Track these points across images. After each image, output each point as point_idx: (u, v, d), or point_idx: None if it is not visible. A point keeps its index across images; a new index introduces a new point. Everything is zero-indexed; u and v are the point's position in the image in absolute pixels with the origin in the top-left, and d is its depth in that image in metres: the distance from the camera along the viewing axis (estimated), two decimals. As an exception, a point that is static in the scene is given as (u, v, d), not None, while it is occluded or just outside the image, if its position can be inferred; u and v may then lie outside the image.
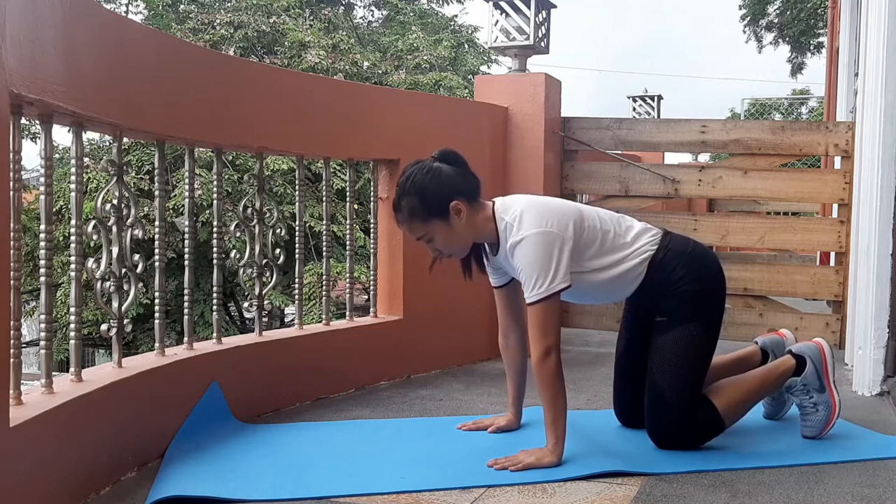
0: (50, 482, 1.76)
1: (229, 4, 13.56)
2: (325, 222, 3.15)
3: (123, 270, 2.18)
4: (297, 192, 3.03)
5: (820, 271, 4.02)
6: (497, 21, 3.99)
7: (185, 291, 2.58)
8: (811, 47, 17.60)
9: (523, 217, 2.13)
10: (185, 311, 2.56)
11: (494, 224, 2.19)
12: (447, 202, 2.15)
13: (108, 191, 2.19)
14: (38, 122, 1.92)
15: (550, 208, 2.17)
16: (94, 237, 2.12)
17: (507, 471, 2.06)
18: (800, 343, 2.43)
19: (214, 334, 2.67)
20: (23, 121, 1.84)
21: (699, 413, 2.24)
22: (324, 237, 3.17)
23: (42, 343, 1.94)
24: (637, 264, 2.21)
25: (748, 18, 17.85)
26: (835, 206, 4.11)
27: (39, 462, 1.72)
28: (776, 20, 17.60)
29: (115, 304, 2.18)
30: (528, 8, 3.91)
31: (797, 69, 17.95)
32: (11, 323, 1.68)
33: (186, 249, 2.58)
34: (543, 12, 4.00)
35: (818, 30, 16.88)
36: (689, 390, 2.23)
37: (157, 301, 2.42)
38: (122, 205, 2.19)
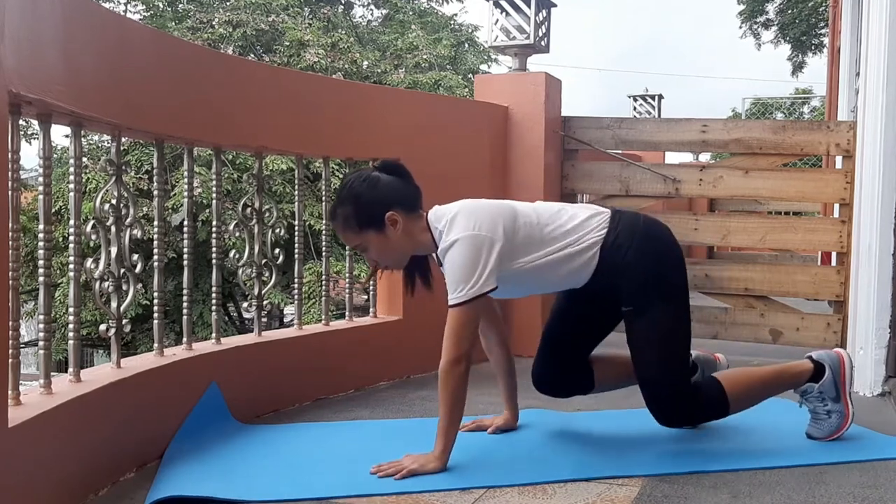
0: (49, 483, 1.75)
1: (228, 3, 13.54)
2: (324, 221, 3.14)
3: (122, 270, 2.18)
4: (296, 192, 3.02)
5: (821, 271, 4.01)
6: (497, 20, 3.98)
7: (184, 291, 2.58)
8: (812, 46, 17.60)
9: (453, 222, 2.09)
10: (184, 311, 2.56)
11: (431, 234, 2.16)
12: (383, 212, 2.11)
13: (106, 191, 2.19)
14: (36, 121, 1.91)
15: (481, 210, 2.12)
16: (93, 237, 2.12)
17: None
18: (821, 350, 2.42)
19: (213, 334, 2.66)
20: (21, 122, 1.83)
21: (704, 390, 2.25)
22: (323, 237, 3.17)
23: (41, 343, 1.94)
24: (584, 250, 2.16)
25: (745, 16, 17.85)
26: (836, 206, 4.10)
27: (38, 462, 1.72)
28: (775, 18, 17.60)
29: (113, 305, 2.17)
30: (529, 7, 3.91)
31: (797, 68, 17.95)
32: (10, 323, 1.67)
33: (185, 249, 2.57)
34: (544, 11, 3.99)
35: (819, 29, 16.88)
36: (677, 367, 2.21)
37: (155, 301, 2.41)
38: (121, 205, 2.18)
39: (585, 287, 2.23)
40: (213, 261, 2.68)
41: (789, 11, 17.14)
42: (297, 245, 2.98)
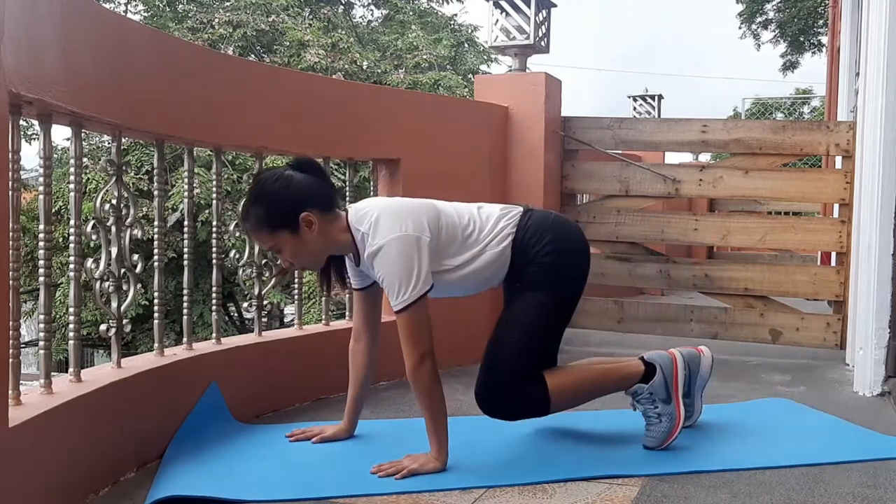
0: (49, 482, 1.76)
1: (228, 3, 13.54)
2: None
3: (122, 270, 2.18)
4: (296, 192, 3.02)
5: (821, 271, 4.01)
6: (497, 20, 3.99)
7: (185, 291, 2.58)
8: (810, 46, 17.60)
9: (379, 223, 2.04)
10: (185, 311, 2.56)
11: (350, 235, 2.11)
12: (297, 213, 2.04)
13: (107, 191, 2.19)
14: (36, 122, 1.91)
15: (405, 210, 2.09)
16: (94, 237, 2.12)
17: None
18: (653, 352, 2.35)
19: (214, 334, 2.66)
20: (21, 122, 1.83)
21: (527, 385, 2.18)
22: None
23: (41, 343, 1.94)
24: (502, 250, 2.16)
25: (745, 16, 17.85)
26: (836, 206, 4.10)
27: (38, 462, 1.72)
28: (774, 17, 17.59)
29: (114, 305, 2.17)
30: (529, 7, 3.91)
31: (789, 67, 17.94)
32: (11, 323, 1.68)
33: (186, 249, 2.57)
34: (543, 11, 3.99)
35: (817, 28, 16.88)
36: (523, 356, 2.16)
37: (156, 301, 2.41)
38: (121, 205, 2.18)
39: (508, 290, 2.23)
40: (214, 261, 2.68)
41: (787, 10, 17.14)
42: (297, 245, 2.97)
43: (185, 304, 2.57)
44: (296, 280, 3.00)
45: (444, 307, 3.47)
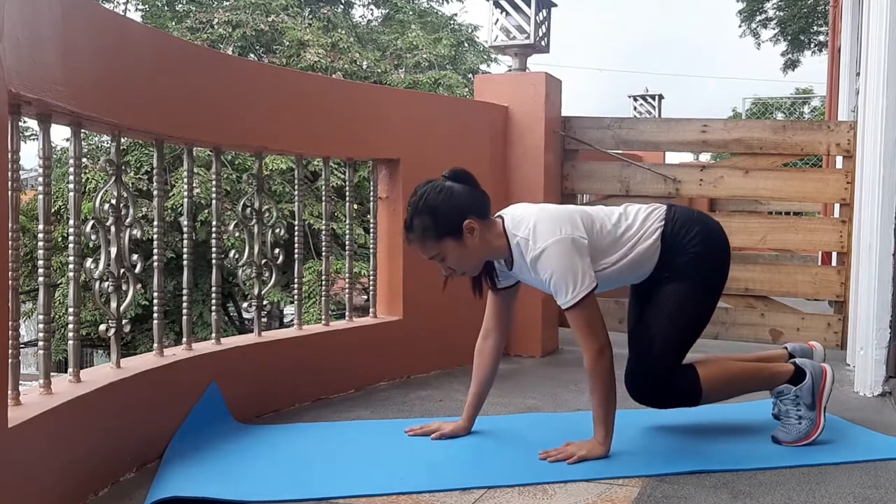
0: (49, 482, 1.75)
1: (227, 3, 13.54)
2: (324, 221, 3.14)
3: (122, 271, 2.17)
4: (296, 192, 3.02)
5: (821, 271, 4.01)
6: (497, 20, 3.98)
7: (184, 291, 2.57)
8: (810, 45, 17.60)
9: (537, 229, 2.15)
10: (184, 311, 2.55)
11: (507, 240, 2.20)
12: (460, 221, 2.15)
13: (106, 191, 2.18)
14: (36, 121, 1.91)
15: (560, 215, 2.19)
16: (93, 237, 2.11)
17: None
18: (808, 359, 2.42)
19: (213, 334, 2.66)
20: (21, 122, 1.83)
21: (680, 374, 2.26)
22: (323, 237, 3.16)
23: (40, 343, 1.94)
24: (651, 243, 2.26)
25: (745, 15, 17.86)
26: (836, 206, 4.10)
27: (38, 462, 1.71)
28: (774, 15, 17.59)
29: (113, 305, 2.17)
30: (529, 7, 3.90)
31: (789, 66, 17.94)
32: (10, 323, 1.67)
33: (185, 249, 2.57)
34: (544, 11, 3.99)
35: (818, 26, 16.88)
36: (677, 344, 2.25)
37: (155, 301, 2.41)
38: (121, 205, 2.18)
39: (647, 280, 2.30)
40: (213, 261, 2.67)
41: (787, 9, 17.14)
42: (296, 245, 2.97)
43: (184, 304, 2.56)
44: (296, 280, 2.99)
45: (444, 308, 3.49)
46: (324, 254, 3.13)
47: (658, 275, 2.28)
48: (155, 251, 2.40)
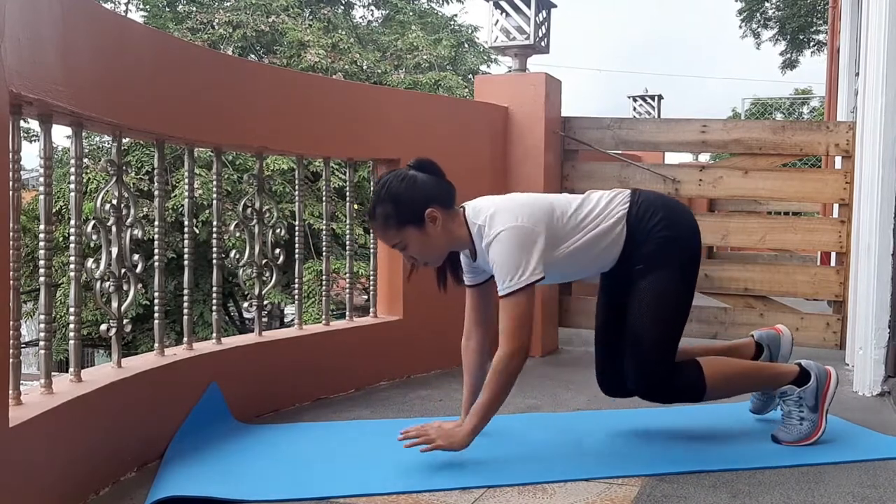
0: (49, 482, 1.76)
1: (228, 4, 13.55)
2: (324, 222, 3.15)
3: (123, 271, 2.18)
4: (296, 192, 3.02)
5: (821, 271, 4.01)
6: (497, 20, 3.99)
7: (185, 291, 2.58)
8: (809, 44, 17.61)
9: (494, 217, 2.13)
10: (185, 311, 2.56)
11: (468, 229, 2.19)
12: (422, 209, 2.14)
13: (107, 191, 2.19)
14: (37, 121, 1.92)
15: (520, 204, 2.17)
16: (94, 237, 2.12)
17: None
18: (812, 361, 2.41)
19: (214, 334, 2.67)
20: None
21: (684, 368, 2.24)
22: (323, 237, 3.17)
23: (41, 343, 1.94)
24: (612, 225, 2.22)
25: (745, 15, 17.87)
26: (835, 206, 4.10)
27: (39, 462, 1.72)
28: (775, 14, 17.60)
29: (114, 305, 2.17)
30: (529, 7, 3.91)
31: (788, 65, 17.94)
32: (11, 323, 1.68)
33: (186, 249, 2.57)
34: (544, 12, 3.99)
35: (817, 25, 16.89)
36: (667, 335, 2.23)
37: (156, 301, 2.41)
38: (122, 205, 2.19)
39: (615, 271, 2.27)
40: (214, 261, 2.68)
41: (787, 8, 17.15)
42: (297, 245, 2.98)
43: (185, 304, 2.57)
44: (296, 280, 3.00)
45: (444, 308, 3.49)
46: (324, 254, 3.14)
47: (630, 268, 2.25)
48: (156, 251, 2.41)
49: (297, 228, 2.96)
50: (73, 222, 2.06)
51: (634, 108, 8.63)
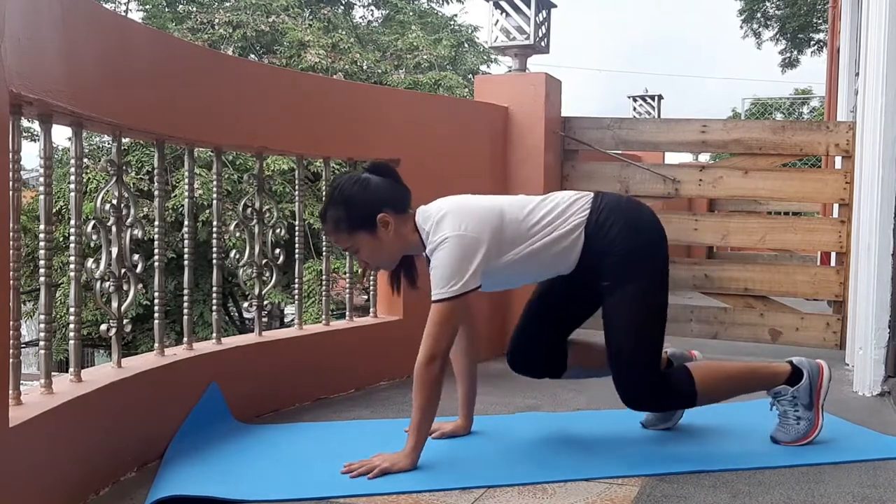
0: (49, 482, 1.76)
1: (228, 4, 13.56)
2: (324, 222, 3.14)
3: (123, 271, 2.18)
4: (296, 192, 3.02)
5: (821, 271, 4.01)
6: (497, 20, 3.99)
7: (185, 291, 2.58)
8: (809, 43, 17.61)
9: (440, 223, 2.11)
10: (185, 311, 2.56)
11: (419, 234, 2.17)
12: (374, 214, 2.12)
13: (107, 191, 2.19)
14: (37, 121, 1.92)
15: (467, 211, 2.13)
16: (94, 237, 2.12)
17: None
18: (802, 357, 2.40)
19: (214, 334, 2.67)
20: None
21: (673, 375, 2.24)
22: (323, 236, 3.17)
23: (41, 343, 1.94)
24: (565, 233, 2.16)
25: (746, 15, 17.87)
26: (835, 206, 4.10)
27: (39, 462, 1.72)
28: (775, 13, 17.60)
29: (114, 305, 2.17)
30: (529, 7, 3.91)
31: (788, 64, 17.93)
32: (11, 323, 1.68)
33: (186, 249, 2.57)
34: (544, 12, 4.00)
35: (817, 25, 16.89)
36: (647, 343, 2.18)
37: (156, 301, 2.41)
38: (122, 205, 2.19)
39: (577, 275, 2.23)
40: (214, 261, 2.68)
41: (787, 8, 17.15)
42: (297, 245, 2.98)
43: (185, 304, 2.57)
44: (296, 279, 3.00)
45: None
46: (324, 254, 3.14)
47: (595, 281, 2.20)
48: (156, 251, 2.41)
49: (297, 228, 2.96)
50: (73, 222, 2.06)
51: (634, 108, 8.64)
